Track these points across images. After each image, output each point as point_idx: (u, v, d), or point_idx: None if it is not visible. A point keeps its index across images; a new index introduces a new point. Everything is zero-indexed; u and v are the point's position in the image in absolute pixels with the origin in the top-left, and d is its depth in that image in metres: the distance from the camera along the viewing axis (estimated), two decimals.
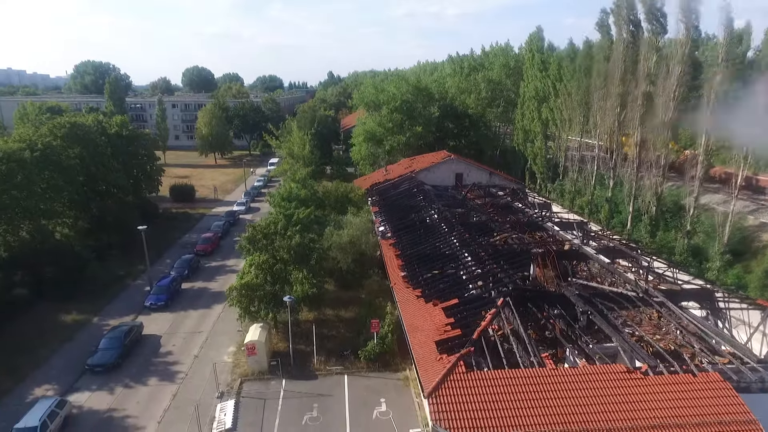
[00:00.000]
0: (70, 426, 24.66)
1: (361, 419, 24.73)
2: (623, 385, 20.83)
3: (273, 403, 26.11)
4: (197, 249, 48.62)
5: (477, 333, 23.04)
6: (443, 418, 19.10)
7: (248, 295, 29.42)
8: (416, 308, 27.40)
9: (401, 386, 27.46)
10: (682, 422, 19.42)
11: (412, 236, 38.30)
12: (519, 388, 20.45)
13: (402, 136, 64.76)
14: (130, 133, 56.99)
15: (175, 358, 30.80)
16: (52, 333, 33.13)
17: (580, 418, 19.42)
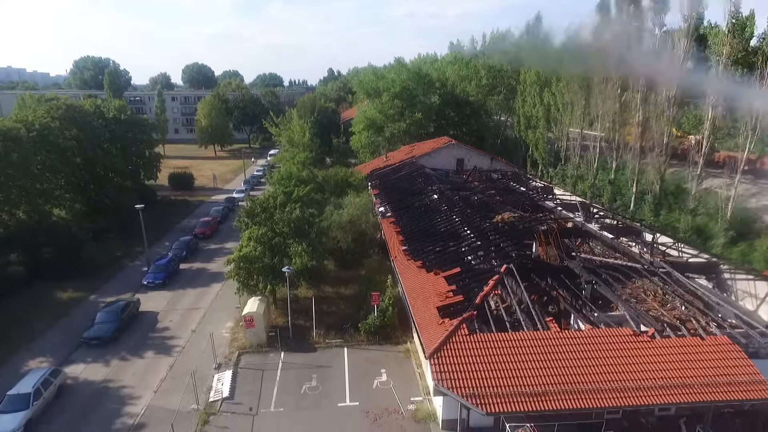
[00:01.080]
0: (65, 395, 24.17)
1: (361, 388, 24.24)
2: (630, 347, 20.40)
3: (271, 373, 25.63)
4: (196, 232, 48.16)
5: (479, 298, 22.60)
6: (445, 378, 18.66)
7: (246, 268, 28.91)
8: (417, 278, 26.95)
9: (402, 358, 26.98)
10: (690, 383, 18.97)
11: (412, 215, 37.90)
12: (522, 350, 20.05)
13: (402, 123, 64.32)
14: (129, 118, 56.47)
15: (172, 333, 30.33)
16: (48, 309, 32.66)
17: (585, 378, 19.01)
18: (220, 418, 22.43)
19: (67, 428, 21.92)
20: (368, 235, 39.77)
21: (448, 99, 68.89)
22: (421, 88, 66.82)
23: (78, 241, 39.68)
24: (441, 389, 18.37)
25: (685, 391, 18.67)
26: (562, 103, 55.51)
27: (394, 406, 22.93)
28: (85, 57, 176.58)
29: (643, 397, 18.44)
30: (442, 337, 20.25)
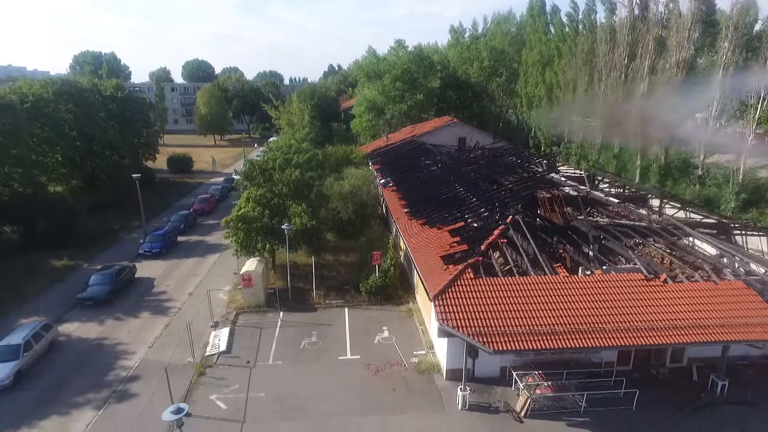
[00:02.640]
0: (57, 350, 23.46)
1: (362, 344, 23.52)
2: (641, 291, 19.70)
3: (270, 331, 24.90)
4: (194, 208, 47.47)
5: (485, 245, 21.89)
6: (450, 318, 17.94)
7: (244, 228, 28.18)
8: (420, 234, 26.26)
9: (404, 317, 26.24)
10: (704, 324, 18.24)
11: (414, 184, 37.21)
12: (530, 293, 19.35)
13: (404, 105, 63.56)
14: (126, 96, 55.78)
15: (168, 296, 29.60)
16: (42, 275, 31.94)
17: (595, 320, 18.26)
18: (216, 369, 21.71)
19: (59, 380, 21.17)
20: (369, 207, 39.12)
21: (449, 81, 68.12)
22: (423, 71, 66.07)
23: (73, 213, 38.99)
24: (446, 328, 17.64)
25: (698, 332, 17.94)
26: (564, 82, 54.83)
27: (396, 359, 22.20)
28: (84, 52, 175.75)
29: (655, 337, 17.70)
30: (446, 281, 19.53)
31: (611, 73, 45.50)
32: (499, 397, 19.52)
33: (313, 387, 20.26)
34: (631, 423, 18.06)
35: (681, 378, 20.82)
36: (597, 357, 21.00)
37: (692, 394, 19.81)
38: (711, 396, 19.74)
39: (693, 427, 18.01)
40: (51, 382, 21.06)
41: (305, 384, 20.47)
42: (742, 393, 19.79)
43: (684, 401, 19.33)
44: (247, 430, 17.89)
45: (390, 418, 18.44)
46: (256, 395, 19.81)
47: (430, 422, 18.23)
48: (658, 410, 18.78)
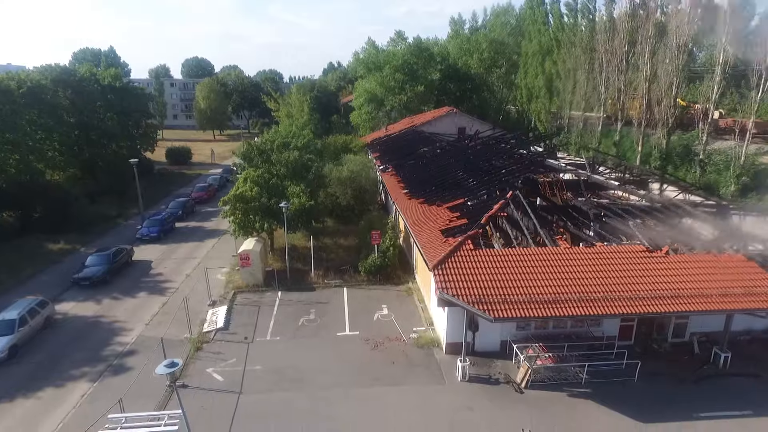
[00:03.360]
0: (53, 327, 23.24)
1: (361, 320, 23.30)
2: (643, 262, 19.50)
3: (267, 309, 24.68)
4: (193, 196, 47.29)
5: (485, 218, 21.67)
6: (450, 287, 17.70)
7: (242, 208, 27.95)
8: (419, 210, 26.09)
9: (404, 296, 26.03)
10: (706, 293, 18.02)
11: (414, 168, 36.96)
12: (531, 263, 19.15)
13: (403, 96, 63.34)
14: (124, 86, 55.54)
15: (166, 277, 29.40)
16: (39, 257, 31.77)
17: (596, 289, 18.03)
18: (213, 345, 21.49)
19: (55, 354, 20.95)
20: (368, 192, 38.91)
21: (449, 73, 67.94)
22: (422, 62, 65.87)
23: (70, 199, 38.79)
24: (445, 296, 17.41)
25: (701, 301, 17.71)
26: (564, 71, 54.67)
27: (395, 335, 21.99)
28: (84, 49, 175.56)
29: (657, 306, 17.47)
30: (446, 251, 19.31)
31: (612, 60, 45.31)
32: (500, 369, 19.30)
33: (311, 361, 20.04)
34: (633, 394, 17.83)
35: (683, 352, 20.60)
36: (598, 331, 20.79)
37: (695, 366, 19.60)
38: (714, 368, 19.53)
39: (696, 397, 17.78)
40: (46, 357, 20.84)
41: (303, 358, 20.25)
42: (745, 366, 19.59)
43: (687, 373, 19.12)
44: (244, 400, 17.64)
45: (389, 389, 18.21)
46: (253, 368, 19.60)
47: (430, 393, 18.00)
48: (661, 382, 18.56)
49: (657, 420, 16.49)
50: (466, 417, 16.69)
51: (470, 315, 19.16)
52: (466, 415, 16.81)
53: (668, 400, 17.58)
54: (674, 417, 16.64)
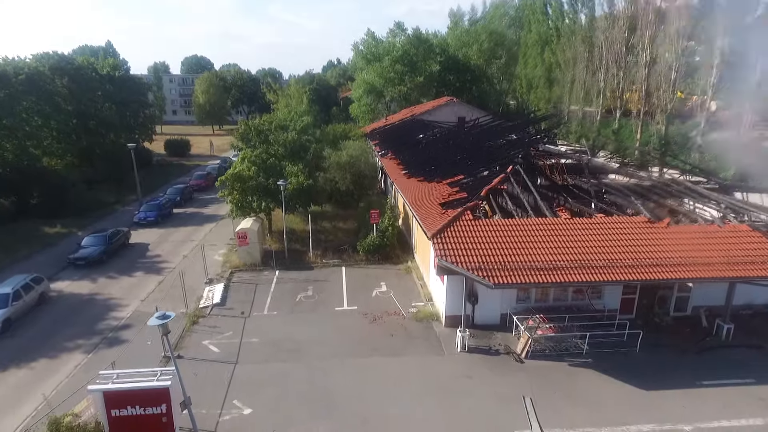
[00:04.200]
0: (47, 304, 23.00)
1: (360, 296, 23.04)
2: (645, 232, 19.25)
3: (265, 286, 24.43)
4: (191, 183, 47.10)
5: (485, 191, 21.43)
6: (449, 255, 17.44)
7: (240, 188, 27.70)
8: (418, 187, 25.85)
9: (402, 274, 25.77)
10: (709, 261, 17.76)
11: (413, 151, 36.67)
12: (532, 233, 18.88)
13: (403, 87, 63.10)
14: (123, 75, 55.32)
15: (163, 258, 29.19)
16: (35, 240, 31.57)
17: (597, 257, 17.77)
18: (209, 319, 21.24)
19: (49, 329, 20.72)
20: (367, 177, 38.68)
21: (449, 65, 67.69)
22: (422, 53, 65.64)
23: (67, 184, 38.56)
24: (444, 264, 17.15)
25: (704, 269, 17.44)
26: (563, 60, 54.44)
27: (394, 310, 21.73)
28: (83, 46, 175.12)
29: (659, 273, 17.23)
30: (445, 221, 19.07)
31: (612, 48, 45.08)
32: (499, 341, 19.04)
33: (309, 333, 19.78)
34: (635, 363, 17.57)
35: (685, 325, 20.34)
36: (599, 304, 20.53)
37: (697, 338, 19.34)
38: (716, 340, 19.28)
39: (699, 366, 17.53)
40: (40, 331, 20.60)
41: (301, 331, 20.00)
42: (747, 338, 19.34)
43: (689, 345, 18.87)
44: (240, 370, 17.38)
45: (387, 359, 17.96)
46: (250, 341, 19.34)
47: (428, 363, 17.74)
48: (663, 353, 18.30)
49: (660, 387, 16.24)
50: (465, 384, 16.44)
51: (469, 286, 18.96)
52: (465, 382, 16.56)
53: (671, 369, 17.33)
54: (677, 385, 16.39)
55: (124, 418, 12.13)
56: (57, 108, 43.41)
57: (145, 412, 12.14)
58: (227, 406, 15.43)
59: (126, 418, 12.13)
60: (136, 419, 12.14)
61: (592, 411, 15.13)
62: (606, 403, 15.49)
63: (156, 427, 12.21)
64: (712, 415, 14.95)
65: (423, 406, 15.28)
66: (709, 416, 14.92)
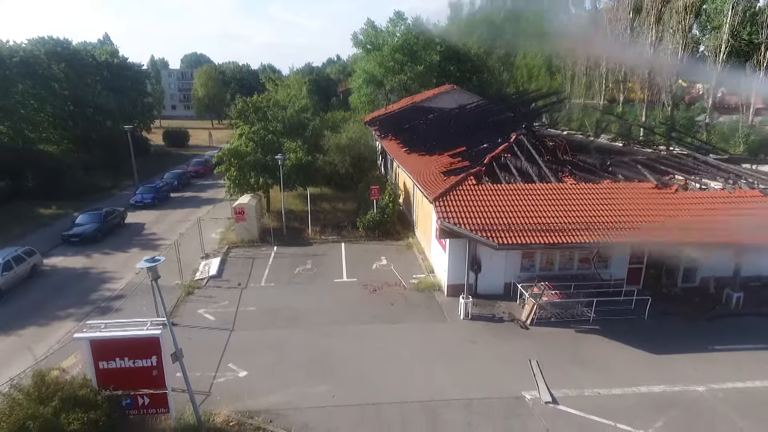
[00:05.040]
0: (40, 277, 22.46)
1: (359, 269, 22.51)
2: (652, 197, 18.73)
3: (262, 261, 23.89)
4: (190, 170, 46.57)
5: (488, 158, 20.89)
6: (451, 216, 16.91)
7: (237, 165, 27.17)
8: (419, 160, 25.33)
9: (403, 249, 25.25)
10: (718, 226, 17.20)
11: (414, 132, 36.11)
12: (536, 197, 18.37)
13: (403, 76, 62.57)
14: (121, 62, 54.77)
15: (159, 236, 28.69)
16: (30, 220, 31.02)
17: (604, 219, 17.24)
18: (205, 290, 20.71)
19: (41, 299, 20.18)
20: (367, 160, 38.20)
21: (449, 54, 67.17)
22: (422, 42, 65.15)
23: (63, 167, 38.02)
24: (447, 225, 16.61)
25: (711, 233, 16.90)
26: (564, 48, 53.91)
27: (395, 281, 21.20)
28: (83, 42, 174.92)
29: (667, 236, 16.70)
30: (448, 186, 18.55)
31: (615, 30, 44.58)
32: (503, 309, 18.50)
33: (307, 303, 19.24)
34: (643, 330, 17.03)
35: (694, 295, 19.81)
36: (606, 274, 19.98)
37: (707, 306, 18.81)
38: (726, 308, 18.75)
39: (709, 333, 17.00)
40: (32, 301, 20.07)
41: (299, 300, 19.47)
42: (758, 306, 18.81)
43: (698, 313, 18.34)
44: (236, 337, 16.84)
45: (388, 326, 17.43)
46: (246, 309, 18.81)
47: (430, 329, 17.21)
48: (672, 320, 17.76)
49: (670, 351, 15.70)
50: (468, 349, 15.90)
51: (472, 253, 18.45)
52: (468, 347, 16.02)
53: (681, 335, 16.79)
54: (688, 349, 15.85)
55: (113, 371, 11.56)
56: (53, 93, 42.89)
57: (134, 365, 11.56)
58: (222, 369, 14.90)
59: (114, 371, 11.56)
60: (125, 372, 11.56)
61: (601, 373, 14.59)
62: (615, 366, 14.95)
63: (146, 381, 11.63)
64: (725, 377, 14.41)
65: (424, 368, 14.74)
66: (722, 378, 14.38)
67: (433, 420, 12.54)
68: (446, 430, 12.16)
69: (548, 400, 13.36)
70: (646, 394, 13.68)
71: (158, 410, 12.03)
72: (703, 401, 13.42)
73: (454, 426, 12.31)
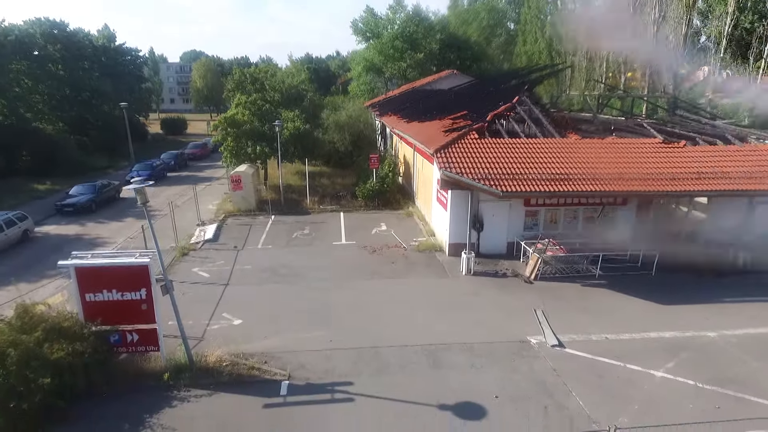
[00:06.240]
0: (30, 241, 21.95)
1: (358, 234, 21.99)
2: (660, 151, 18.24)
3: (259, 227, 23.38)
4: (187, 152, 46.02)
5: (490, 116, 20.36)
6: (453, 166, 16.43)
7: (234, 134, 26.66)
8: (420, 126, 24.82)
9: (403, 217, 24.74)
10: (729, 175, 16.75)
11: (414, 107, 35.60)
12: (540, 150, 17.86)
13: (403, 63, 62.12)
14: (118, 47, 54.27)
15: (154, 208, 28.03)
16: (23, 194, 30.46)
17: (610, 170, 16.76)
18: (200, 252, 20.20)
19: (32, 260, 19.67)
20: (367, 139, 37.76)
21: (449, 42, 66.69)
22: (422, 30, 64.72)
23: (59, 146, 37.48)
24: (449, 174, 16.12)
25: (722, 182, 16.46)
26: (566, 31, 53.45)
27: (395, 243, 20.69)
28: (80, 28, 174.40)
29: (676, 185, 16.24)
30: (450, 139, 18.06)
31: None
32: (507, 267, 17.99)
33: (306, 262, 18.74)
34: (651, 285, 16.51)
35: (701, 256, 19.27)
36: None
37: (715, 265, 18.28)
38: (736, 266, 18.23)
39: (718, 286, 16.52)
40: (23, 261, 19.58)
41: (297, 259, 18.97)
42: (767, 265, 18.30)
43: (707, 270, 17.82)
44: (231, 290, 16.34)
45: (388, 281, 16.94)
46: (242, 267, 18.32)
47: (432, 284, 16.70)
48: (680, 276, 17.23)
49: (680, 302, 15.21)
50: (471, 301, 15.41)
51: (474, 212, 17.97)
52: (471, 299, 15.53)
53: (690, 289, 16.30)
54: (698, 301, 15.39)
55: (100, 304, 11.05)
56: (48, 74, 42.38)
57: (122, 298, 11.05)
58: (216, 318, 14.40)
59: (102, 304, 11.05)
60: (113, 306, 11.05)
61: (609, 320, 14.10)
62: (623, 315, 14.47)
63: (135, 316, 11.12)
64: (738, 325, 13.92)
65: (425, 317, 14.24)
66: (735, 325, 13.88)
67: (435, 361, 12.04)
68: (449, 371, 11.65)
69: (555, 343, 12.86)
70: (656, 338, 13.19)
71: (148, 348, 11.54)
72: (715, 345, 12.93)
73: (457, 367, 11.81)
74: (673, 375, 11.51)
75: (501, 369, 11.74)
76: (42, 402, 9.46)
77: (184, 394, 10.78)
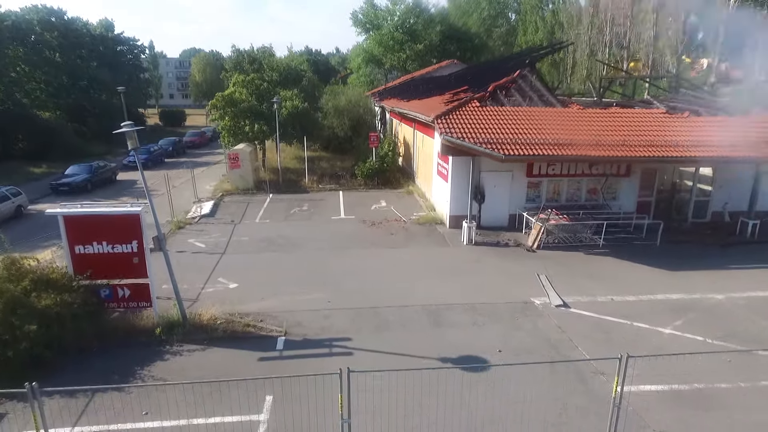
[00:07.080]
0: (23, 217, 21.63)
1: (357, 210, 21.67)
2: (662, 121, 17.92)
3: (257, 204, 23.06)
4: (186, 140, 45.69)
5: (492, 87, 20.01)
6: (454, 132, 16.08)
7: (231, 113, 26.32)
8: (420, 102, 24.45)
9: (403, 195, 24.41)
10: (733, 142, 16.41)
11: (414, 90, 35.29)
12: (543, 118, 17.51)
13: (403, 54, 61.80)
14: (117, 37, 53.93)
15: (152, 188, 27.68)
16: (19, 176, 30.09)
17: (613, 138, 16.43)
18: (197, 225, 19.89)
19: (25, 234, 19.32)
20: (366, 124, 37.42)
21: (449, 33, 66.38)
22: (422, 22, 64.44)
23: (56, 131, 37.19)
24: (449, 139, 15.77)
25: (728, 149, 16.10)
26: (567, 18, 53.22)
27: (394, 218, 20.36)
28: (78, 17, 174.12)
29: (680, 151, 15.92)
30: (450, 107, 17.73)
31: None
32: (509, 237, 17.65)
33: (304, 234, 18.41)
34: (656, 254, 16.17)
35: (706, 228, 18.97)
36: (615, 206, 19.14)
37: (721, 235, 17.97)
38: (742, 237, 17.91)
39: (725, 256, 16.17)
40: (16, 235, 19.11)
41: (295, 232, 18.64)
42: None
43: (713, 240, 17.51)
44: (228, 258, 16.02)
45: (388, 250, 16.60)
46: (239, 239, 17.99)
47: (433, 252, 16.37)
48: (685, 247, 16.89)
49: (686, 269, 14.86)
50: (472, 266, 15.07)
51: (476, 182, 17.63)
52: (473, 265, 15.19)
53: (695, 258, 15.94)
54: (704, 267, 15.05)
55: (90, 257, 10.73)
56: (45, 60, 42.04)
57: (113, 251, 10.75)
58: (212, 282, 14.07)
59: (92, 257, 10.73)
60: (103, 259, 10.73)
61: (614, 284, 13.76)
62: (628, 279, 14.12)
63: (127, 269, 10.80)
64: (746, 288, 13.58)
65: (426, 281, 13.89)
66: (742, 289, 13.54)
67: (436, 320, 11.70)
68: (450, 328, 11.31)
69: (559, 303, 12.53)
70: (662, 300, 12.85)
71: (140, 304, 11.20)
72: (722, 306, 12.59)
73: (459, 325, 11.48)
74: (681, 332, 11.17)
75: (504, 327, 11.40)
76: (28, 351, 9.11)
77: (176, 349, 10.45)
